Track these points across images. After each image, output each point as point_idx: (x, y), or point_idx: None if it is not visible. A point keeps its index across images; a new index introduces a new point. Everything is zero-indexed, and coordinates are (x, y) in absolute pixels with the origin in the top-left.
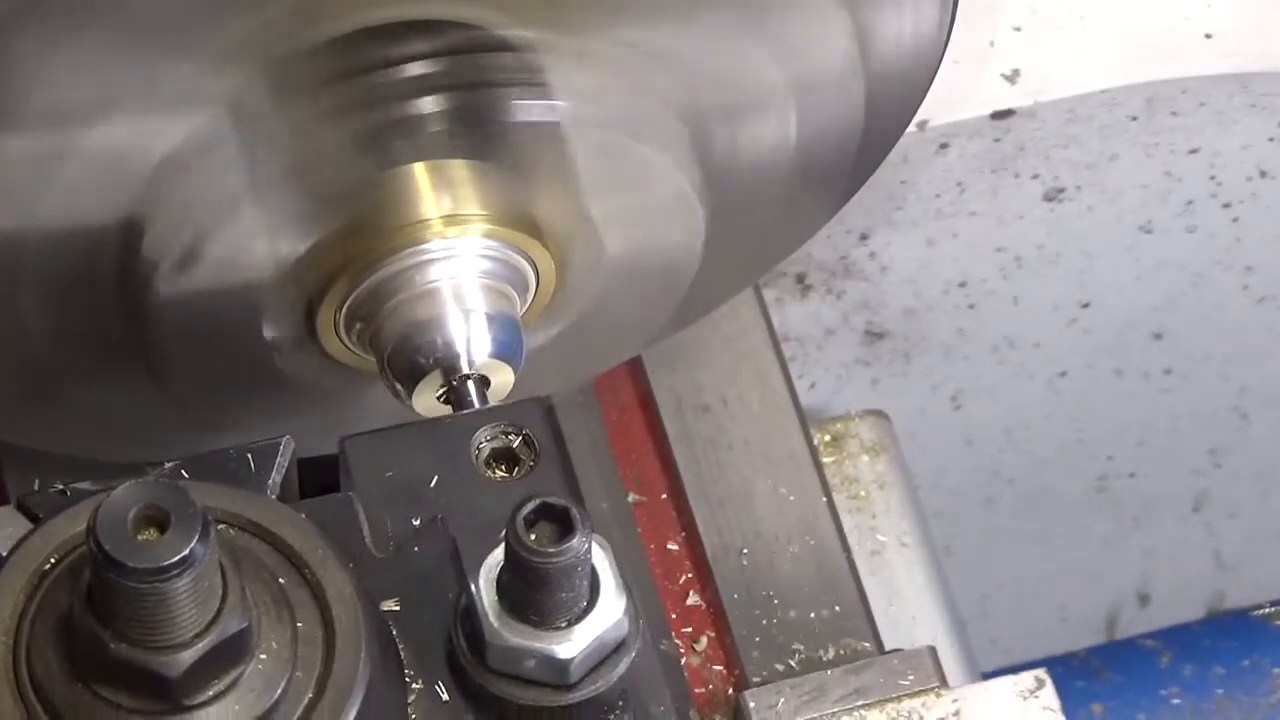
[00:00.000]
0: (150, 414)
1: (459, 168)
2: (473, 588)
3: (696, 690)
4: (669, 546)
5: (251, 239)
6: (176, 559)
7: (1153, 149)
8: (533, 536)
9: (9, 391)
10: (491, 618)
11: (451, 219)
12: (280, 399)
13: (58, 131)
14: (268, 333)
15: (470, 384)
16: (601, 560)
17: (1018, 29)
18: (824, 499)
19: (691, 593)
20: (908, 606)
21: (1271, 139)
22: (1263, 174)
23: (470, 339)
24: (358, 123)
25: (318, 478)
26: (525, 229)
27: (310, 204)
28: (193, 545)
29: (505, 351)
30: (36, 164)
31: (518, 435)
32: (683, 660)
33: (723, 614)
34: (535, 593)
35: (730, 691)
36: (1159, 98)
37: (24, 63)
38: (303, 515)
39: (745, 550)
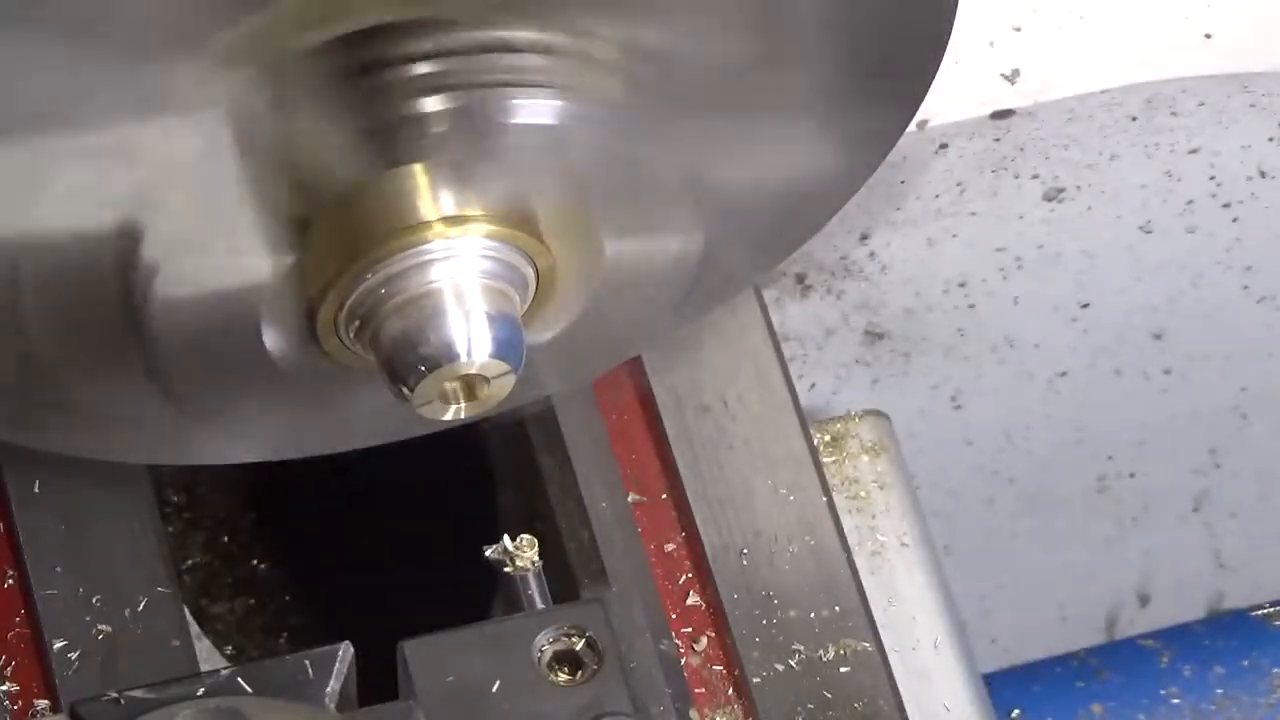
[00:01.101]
0: (150, 414)
1: (460, 168)
2: None
3: (696, 690)
4: (668, 547)
5: (251, 240)
6: None
7: (1153, 149)
8: None
9: (8, 393)
10: None
11: (452, 219)
12: (281, 398)
13: (56, 134)
14: (267, 333)
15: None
16: None
17: (1017, 29)
18: (824, 499)
19: (691, 593)
20: (908, 606)
21: (1271, 139)
22: (1263, 174)
23: (471, 338)
24: (358, 123)
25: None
26: (526, 229)
27: (310, 205)
28: None
29: (506, 351)
30: (34, 167)
31: (580, 637)
32: (683, 660)
33: (722, 614)
34: None
35: (730, 691)
36: (1159, 97)
37: (21, 67)
38: None
39: (745, 550)
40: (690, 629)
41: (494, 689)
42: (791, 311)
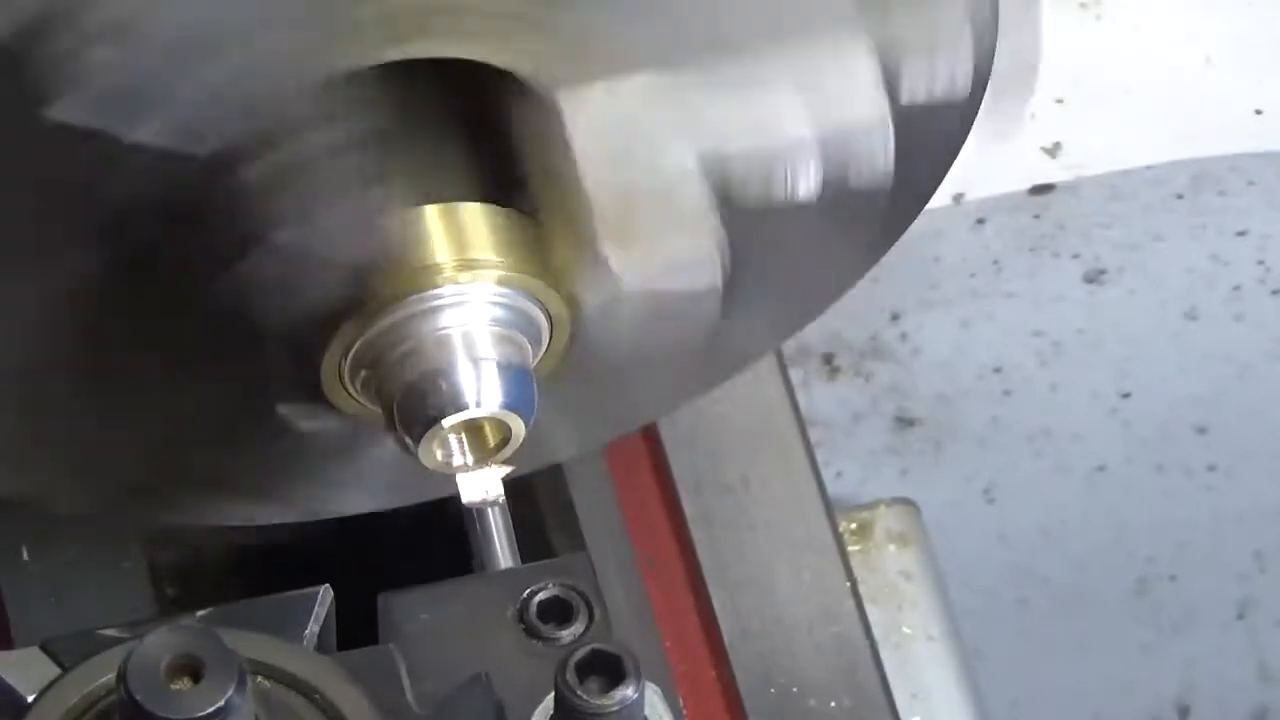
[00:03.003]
0: (145, 473)
1: (473, 211)
2: None
3: None
4: (685, 630)
5: (254, 280)
6: (211, 710)
7: (1199, 230)
8: (583, 687)
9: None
10: None
11: (464, 263)
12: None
13: None
14: (268, 383)
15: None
16: (657, 704)
17: (1059, 101)
18: (847, 585)
19: (707, 678)
20: (933, 702)
21: None
22: None
23: (481, 389)
24: (368, 161)
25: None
26: (540, 275)
27: (315, 245)
28: (229, 696)
29: (517, 403)
30: None
31: (567, 591)
32: None
33: (739, 700)
34: None
35: None
36: (1206, 175)
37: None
38: (341, 668)
39: (764, 636)
40: (705, 716)
41: (476, 639)
42: (819, 394)
